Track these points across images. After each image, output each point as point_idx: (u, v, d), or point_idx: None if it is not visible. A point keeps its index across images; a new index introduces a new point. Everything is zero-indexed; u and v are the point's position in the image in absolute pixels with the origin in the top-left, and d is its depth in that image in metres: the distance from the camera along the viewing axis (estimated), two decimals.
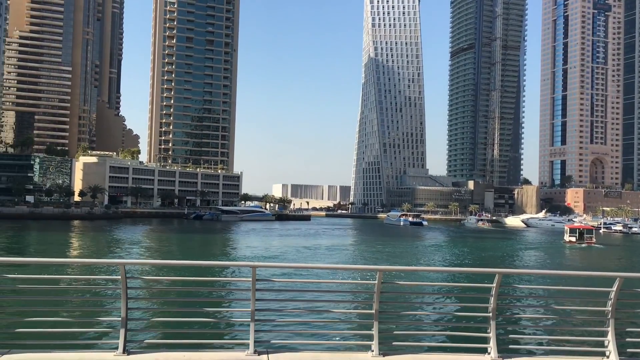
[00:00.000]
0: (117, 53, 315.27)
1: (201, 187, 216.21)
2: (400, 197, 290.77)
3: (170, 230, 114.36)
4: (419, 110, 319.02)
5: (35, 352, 8.08)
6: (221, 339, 10.67)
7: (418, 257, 65.35)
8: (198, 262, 8.63)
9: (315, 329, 10.45)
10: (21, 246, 69.70)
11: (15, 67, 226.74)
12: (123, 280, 8.16)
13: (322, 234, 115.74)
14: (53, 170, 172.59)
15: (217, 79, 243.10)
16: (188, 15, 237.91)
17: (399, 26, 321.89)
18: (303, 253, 66.35)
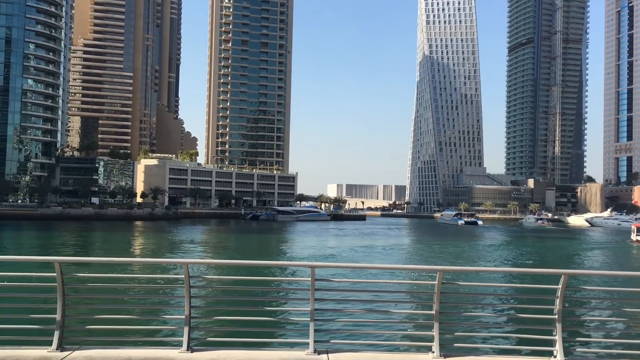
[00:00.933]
0: (176, 58, 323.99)
1: (257, 187, 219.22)
2: (457, 197, 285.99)
3: (228, 231, 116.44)
4: (475, 108, 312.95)
5: (104, 349, 8.36)
6: (281, 338, 10.76)
7: (477, 258, 64.07)
8: (258, 261, 8.74)
9: (375, 329, 10.40)
10: (88, 246, 72.60)
11: (80, 74, 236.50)
12: (186, 279, 8.35)
13: (377, 233, 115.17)
14: (116, 173, 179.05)
15: (272, 80, 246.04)
16: (243, 19, 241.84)
17: (454, 23, 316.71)
18: (359, 253, 66.21)
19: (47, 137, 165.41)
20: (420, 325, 9.48)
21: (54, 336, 8.27)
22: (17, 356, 7.88)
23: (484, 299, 22.40)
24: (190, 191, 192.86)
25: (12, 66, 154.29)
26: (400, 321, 10.27)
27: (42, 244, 71.94)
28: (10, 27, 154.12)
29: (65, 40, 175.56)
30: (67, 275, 8.49)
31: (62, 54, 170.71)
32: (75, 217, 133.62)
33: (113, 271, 17.78)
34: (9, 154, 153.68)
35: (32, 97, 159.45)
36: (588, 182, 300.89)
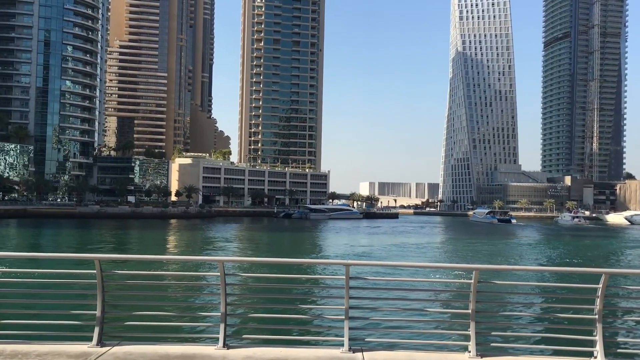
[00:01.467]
0: (209, 57, 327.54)
1: (290, 186, 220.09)
2: (491, 194, 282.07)
3: (261, 229, 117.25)
4: (510, 104, 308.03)
5: (142, 344, 8.50)
6: (316, 336, 10.80)
7: (513, 256, 63.07)
8: (292, 260, 8.75)
9: (410, 327, 10.33)
10: (125, 243, 74.02)
11: (116, 75, 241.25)
12: (222, 276, 8.41)
13: (410, 232, 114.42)
14: (151, 172, 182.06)
15: (304, 79, 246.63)
16: (275, 18, 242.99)
17: (487, 18, 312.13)
18: (392, 251, 65.91)
19: (85, 137, 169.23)
20: (456, 325, 9.37)
21: (94, 332, 8.44)
22: (59, 351, 8.06)
23: (522, 298, 22.07)
24: (223, 190, 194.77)
25: (51, 68, 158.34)
26: (436, 320, 10.17)
27: (81, 241, 73.65)
28: (49, 30, 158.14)
29: (102, 42, 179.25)
30: (107, 272, 8.66)
31: (98, 56, 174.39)
32: (112, 216, 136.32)
33: (150, 268, 18.06)
34: (48, 153, 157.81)
35: (70, 98, 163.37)
36: (627, 179, 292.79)
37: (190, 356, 7.98)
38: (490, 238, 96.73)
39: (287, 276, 9.80)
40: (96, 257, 8.50)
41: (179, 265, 36.83)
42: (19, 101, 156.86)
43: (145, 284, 9.91)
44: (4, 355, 7.85)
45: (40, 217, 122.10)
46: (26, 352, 7.97)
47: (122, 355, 7.98)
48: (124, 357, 7.92)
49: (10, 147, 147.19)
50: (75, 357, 7.85)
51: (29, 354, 7.93)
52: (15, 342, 8.42)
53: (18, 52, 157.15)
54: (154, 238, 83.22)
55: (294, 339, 9.23)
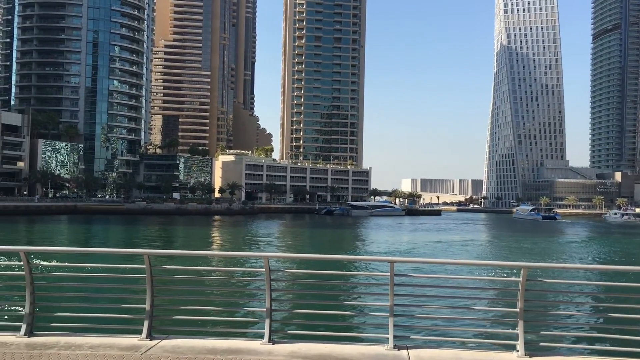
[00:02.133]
0: (251, 55, 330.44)
1: (331, 182, 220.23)
2: (537, 191, 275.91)
3: (304, 225, 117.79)
4: (557, 99, 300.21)
5: (190, 338, 8.65)
6: (360, 332, 10.78)
7: (561, 254, 61.51)
8: (337, 256, 8.76)
9: (456, 325, 10.20)
10: (171, 239, 75.56)
11: (161, 74, 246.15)
12: (267, 272, 8.47)
13: (453, 229, 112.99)
14: (195, 169, 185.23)
15: (345, 75, 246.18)
16: (316, 15, 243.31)
17: (533, 10, 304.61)
18: (435, 248, 65.22)
19: (132, 136, 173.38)
20: (504, 323, 9.20)
21: (143, 325, 8.63)
22: (110, 344, 8.29)
23: (571, 297, 21.45)
24: (265, 186, 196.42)
25: (100, 68, 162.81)
26: (482, 318, 10.02)
27: (129, 237, 75.58)
28: (97, 31, 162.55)
29: (148, 42, 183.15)
30: (155, 267, 8.84)
31: (144, 56, 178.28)
32: (158, 212, 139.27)
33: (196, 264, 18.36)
34: (97, 151, 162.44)
35: (117, 97, 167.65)
36: None
37: (237, 350, 8.07)
38: (536, 235, 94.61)
39: (331, 272, 9.81)
40: (145, 253, 8.67)
41: (225, 261, 37.43)
42: (69, 101, 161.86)
43: (192, 279, 10.07)
44: (58, 347, 8.13)
45: (90, 214, 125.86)
46: (79, 344, 8.23)
47: (171, 349, 8.14)
48: (172, 350, 8.08)
49: (61, 146, 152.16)
50: (125, 350, 8.05)
51: (82, 345, 8.18)
52: (68, 334, 8.70)
53: (68, 53, 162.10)
54: (198, 234, 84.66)
55: (338, 335, 9.23)
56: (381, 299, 9.09)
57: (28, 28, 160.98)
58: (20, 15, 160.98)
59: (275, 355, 7.92)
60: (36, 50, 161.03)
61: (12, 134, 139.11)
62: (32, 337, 8.56)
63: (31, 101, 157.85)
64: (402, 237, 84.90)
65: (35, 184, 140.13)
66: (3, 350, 7.95)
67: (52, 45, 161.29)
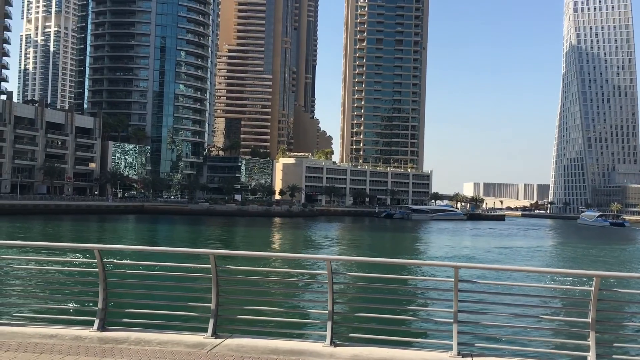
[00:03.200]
0: (312, 59, 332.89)
1: (391, 186, 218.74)
2: (608, 197, 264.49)
3: (363, 228, 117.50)
4: (630, 100, 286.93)
5: (254, 338, 8.79)
6: (423, 338, 10.62)
7: (636, 263, 58.67)
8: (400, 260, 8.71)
9: (522, 335, 9.91)
10: (234, 239, 77.03)
11: (224, 77, 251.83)
12: (329, 275, 8.48)
13: (517, 234, 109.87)
14: (257, 171, 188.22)
15: (407, 78, 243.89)
16: (378, 17, 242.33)
17: (605, 9, 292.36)
18: (499, 254, 63.58)
19: (196, 138, 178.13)
20: (574, 334, 8.86)
21: (209, 324, 8.83)
22: (177, 341, 8.54)
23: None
24: (325, 189, 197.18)
25: (166, 73, 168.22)
26: (551, 328, 9.68)
27: (193, 237, 77.63)
28: (165, 37, 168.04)
29: (212, 47, 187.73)
30: (220, 267, 9.03)
31: (209, 60, 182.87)
32: (220, 213, 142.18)
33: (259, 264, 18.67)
34: (163, 153, 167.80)
35: (183, 101, 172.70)
36: None
37: (299, 352, 8.13)
38: (606, 242, 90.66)
39: (394, 276, 9.76)
40: (211, 252, 8.87)
41: (287, 262, 37.78)
42: (138, 104, 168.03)
43: (255, 280, 10.23)
44: (129, 342, 8.45)
45: (156, 213, 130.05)
46: (148, 340, 8.52)
47: (235, 347, 8.29)
48: (237, 349, 8.23)
49: (130, 148, 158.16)
50: (192, 347, 8.27)
51: (151, 341, 8.47)
52: (138, 329, 9.03)
53: (137, 58, 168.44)
54: (260, 235, 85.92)
55: (400, 340, 9.14)
56: (445, 305, 8.95)
57: (100, 35, 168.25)
58: (93, 23, 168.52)
59: (337, 358, 7.93)
60: (107, 55, 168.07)
61: (85, 137, 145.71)
62: (104, 331, 8.92)
63: (102, 105, 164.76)
64: (464, 242, 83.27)
65: (106, 184, 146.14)
66: (77, 343, 8.33)
67: (123, 51, 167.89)
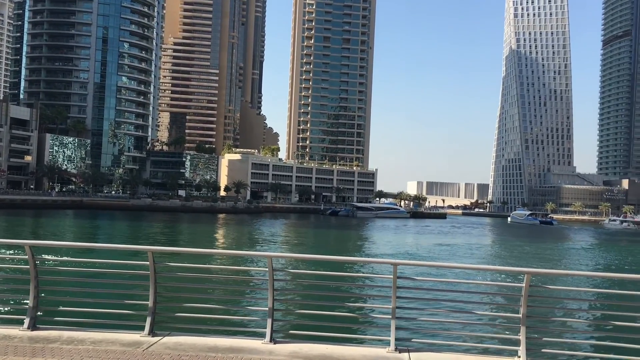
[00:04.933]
0: (259, 55, 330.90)
1: (337, 183, 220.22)
2: (544, 197, 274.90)
3: (308, 225, 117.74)
4: (565, 104, 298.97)
5: (192, 336, 8.66)
6: (362, 334, 10.78)
7: (567, 261, 61.26)
8: (340, 257, 8.75)
9: (458, 330, 10.16)
10: (176, 236, 75.70)
11: (170, 71, 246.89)
12: (270, 271, 8.46)
13: (458, 232, 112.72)
14: (202, 167, 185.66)
15: (353, 76, 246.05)
16: (325, 16, 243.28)
17: (544, 15, 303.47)
18: (440, 251, 65.07)
19: (139, 132, 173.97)
20: (506, 329, 9.17)
21: (146, 322, 8.65)
22: (112, 339, 8.31)
23: (576, 305, 21.36)
24: (271, 186, 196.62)
25: (108, 64, 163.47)
26: (485, 323, 9.97)
27: (133, 233, 75.76)
28: (107, 27, 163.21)
29: (157, 39, 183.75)
30: (159, 264, 8.85)
31: (153, 53, 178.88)
32: (164, 209, 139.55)
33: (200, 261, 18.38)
34: (104, 147, 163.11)
35: (125, 93, 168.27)
36: None
37: (238, 349, 8.08)
38: (540, 241, 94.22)
39: (334, 273, 9.79)
40: (149, 249, 8.69)
41: (228, 259, 37.46)
42: (78, 96, 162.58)
43: (195, 277, 10.08)
44: (61, 341, 8.15)
45: (96, 209, 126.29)
46: (82, 339, 8.26)
47: (173, 346, 8.15)
48: (174, 347, 8.10)
49: (69, 141, 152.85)
50: (127, 346, 8.07)
51: (84, 340, 8.21)
52: (71, 328, 8.73)
53: (77, 48, 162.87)
54: (203, 232, 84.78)
55: (340, 337, 9.21)
56: (383, 302, 9.07)
57: (38, 23, 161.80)
58: (31, 10, 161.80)
59: (276, 355, 7.92)
60: (46, 45, 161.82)
61: (20, 128, 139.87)
62: (35, 330, 8.60)
63: (40, 96, 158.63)
64: (407, 240, 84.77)
65: (42, 178, 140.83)
66: (6, 343, 7.99)
67: (62, 41, 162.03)
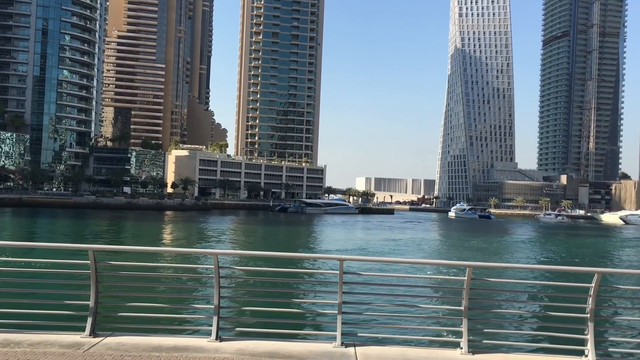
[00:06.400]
0: (207, 50, 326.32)
1: (286, 180, 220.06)
2: (487, 192, 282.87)
3: (257, 222, 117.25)
4: (507, 102, 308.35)
5: (135, 336, 8.51)
6: (309, 330, 10.81)
7: (507, 253, 63.29)
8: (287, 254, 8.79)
9: (403, 323, 10.37)
10: (120, 234, 73.93)
11: (114, 65, 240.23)
12: (216, 269, 8.41)
13: (405, 227, 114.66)
14: (148, 163, 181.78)
15: (302, 73, 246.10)
16: (274, 11, 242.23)
17: (487, 15, 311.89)
18: (387, 246, 66.02)
19: (82, 127, 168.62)
20: (449, 321, 9.42)
21: (87, 322, 8.45)
22: (51, 341, 8.07)
23: (514, 296, 22.16)
24: (219, 182, 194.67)
25: (49, 57, 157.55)
26: (429, 316, 10.21)
27: (76, 231, 73.51)
28: (47, 18, 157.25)
29: (100, 32, 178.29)
30: (101, 263, 8.65)
31: (96, 46, 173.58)
32: (108, 206, 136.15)
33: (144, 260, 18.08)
34: (44, 143, 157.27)
35: (67, 87, 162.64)
36: (623, 179, 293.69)
37: (183, 348, 8.00)
38: (482, 234, 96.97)
39: (281, 270, 9.84)
40: (90, 248, 8.48)
41: (174, 257, 36.89)
42: (16, 90, 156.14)
43: (139, 276, 9.90)
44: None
45: (36, 207, 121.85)
46: (18, 342, 7.98)
47: (115, 346, 7.99)
48: (117, 347, 7.94)
49: (7, 136, 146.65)
50: (67, 347, 7.86)
51: (21, 343, 7.94)
52: (7, 330, 8.42)
53: (15, 40, 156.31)
54: (149, 229, 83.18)
55: (286, 333, 9.25)
56: (330, 297, 9.16)
57: None
58: None
59: (222, 353, 7.88)
60: None
61: None
62: None
63: None
64: (355, 235, 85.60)
65: None
66: None
67: None
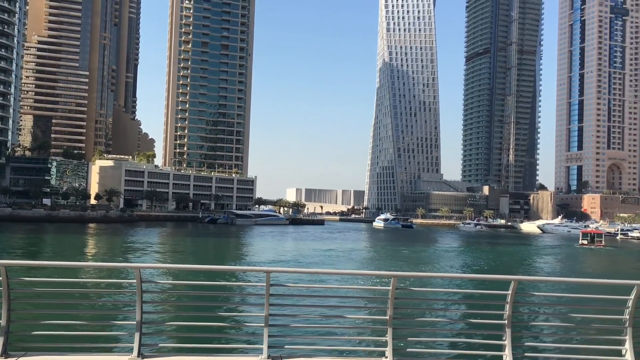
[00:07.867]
0: (134, 58, 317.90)
1: (215, 191, 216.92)
2: (415, 202, 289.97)
3: (185, 234, 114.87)
4: (433, 115, 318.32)
5: (51, 355, 8.13)
6: (235, 344, 10.69)
7: (431, 262, 64.99)
8: (212, 266, 8.64)
9: (330, 334, 10.44)
10: (38, 249, 70.38)
11: (34, 71, 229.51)
12: (138, 284, 8.19)
13: (335, 238, 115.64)
14: (70, 174, 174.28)
15: (232, 83, 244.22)
16: (204, 20, 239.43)
17: (414, 31, 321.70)
18: (316, 257, 66.27)
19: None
20: (375, 331, 9.54)
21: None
22: None
23: (437, 304, 22.75)
24: (146, 193, 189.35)
25: None
26: (356, 326, 10.32)
27: None
28: None
29: (19, 37, 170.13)
30: (14, 279, 8.22)
31: (14, 51, 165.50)
32: (26, 219, 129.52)
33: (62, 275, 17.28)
34: None
35: None
36: (540, 190, 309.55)
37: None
38: (408, 244, 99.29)
39: (207, 283, 9.66)
40: (2, 264, 8.04)
41: (94, 272, 35.47)
42: None
43: (56, 292, 9.47)
44: None
45: None
46: None
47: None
48: None
49: None
50: None
51: None
52: None
53: None
54: (70, 243, 79.69)
55: (212, 347, 9.10)
56: (257, 310, 9.10)
57: None
58: None
59: None
60: None
61: None
62: None
63: None
64: (285, 246, 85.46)
65: None
66: None
67: None
